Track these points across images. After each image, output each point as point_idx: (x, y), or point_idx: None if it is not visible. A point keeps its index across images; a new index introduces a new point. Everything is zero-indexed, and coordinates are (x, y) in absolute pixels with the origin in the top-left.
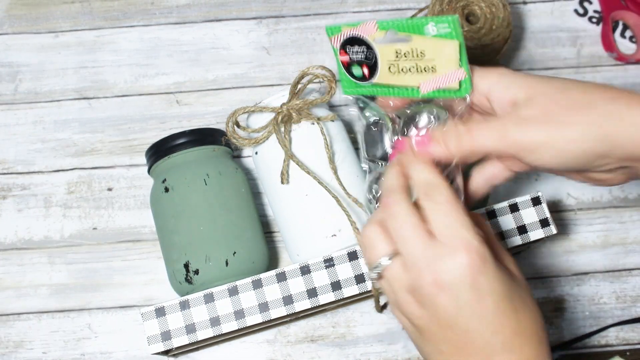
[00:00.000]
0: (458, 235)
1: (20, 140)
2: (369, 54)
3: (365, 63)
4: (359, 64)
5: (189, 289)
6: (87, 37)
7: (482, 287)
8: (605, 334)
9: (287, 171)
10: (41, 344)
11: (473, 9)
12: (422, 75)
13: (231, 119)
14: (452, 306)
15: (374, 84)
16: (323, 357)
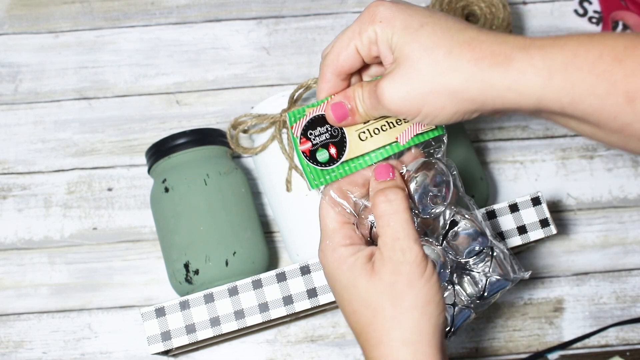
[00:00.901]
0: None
1: (21, 140)
2: (333, 131)
3: (331, 142)
4: (324, 146)
5: (189, 289)
6: (87, 37)
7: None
8: (605, 334)
9: (291, 179)
10: (41, 344)
11: (473, 9)
12: (397, 129)
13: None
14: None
15: (343, 162)
16: (323, 357)
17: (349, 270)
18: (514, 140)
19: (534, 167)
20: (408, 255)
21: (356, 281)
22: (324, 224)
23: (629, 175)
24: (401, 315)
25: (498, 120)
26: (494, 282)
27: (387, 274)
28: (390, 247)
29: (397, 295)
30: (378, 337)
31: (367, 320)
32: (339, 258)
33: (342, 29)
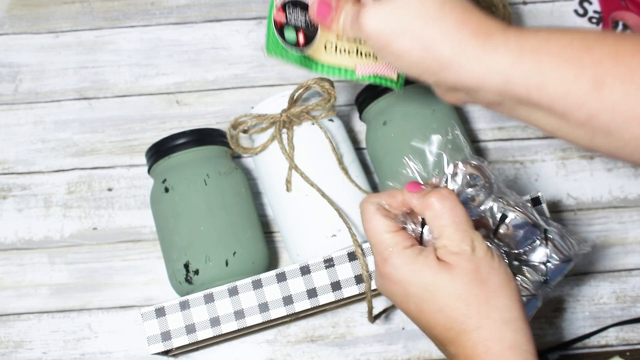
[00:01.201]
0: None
1: (21, 140)
2: (310, 24)
3: (303, 30)
4: (296, 29)
5: (189, 289)
6: (87, 37)
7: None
8: (605, 334)
9: (291, 179)
10: (41, 344)
11: None
12: (360, 59)
13: (231, 128)
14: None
15: (304, 55)
16: (323, 357)
17: (424, 268)
18: (514, 140)
19: (534, 167)
20: (477, 243)
21: (437, 277)
22: (380, 236)
23: (629, 175)
24: (495, 298)
25: (498, 120)
26: (555, 266)
27: (467, 263)
28: (460, 240)
29: (483, 280)
30: (476, 323)
31: (460, 312)
32: (409, 260)
33: None
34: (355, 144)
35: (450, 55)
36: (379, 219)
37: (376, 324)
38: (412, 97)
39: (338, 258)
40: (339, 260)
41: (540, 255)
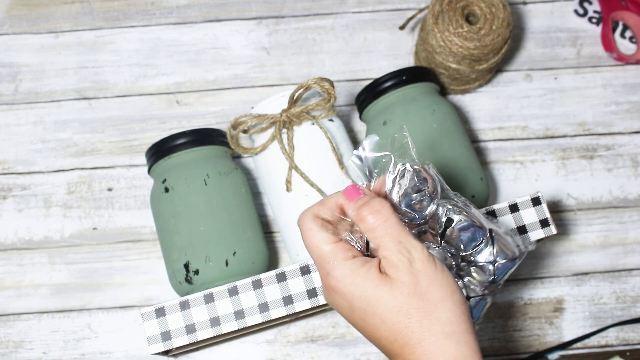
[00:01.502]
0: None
1: (21, 140)
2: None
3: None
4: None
5: (189, 289)
6: (87, 37)
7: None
8: (605, 334)
9: (291, 179)
10: (41, 344)
11: (473, 9)
12: None
13: (231, 128)
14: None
15: None
16: (323, 357)
17: (365, 282)
18: (514, 140)
19: (534, 167)
20: (415, 253)
21: (378, 291)
22: (319, 250)
23: (629, 175)
24: (435, 311)
25: (498, 120)
26: (502, 265)
27: (405, 275)
28: (397, 251)
29: (424, 293)
30: (418, 337)
31: (402, 325)
32: (350, 273)
33: (342, 29)
34: (355, 144)
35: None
36: (316, 232)
37: None
38: (412, 97)
39: None
40: None
41: (487, 255)
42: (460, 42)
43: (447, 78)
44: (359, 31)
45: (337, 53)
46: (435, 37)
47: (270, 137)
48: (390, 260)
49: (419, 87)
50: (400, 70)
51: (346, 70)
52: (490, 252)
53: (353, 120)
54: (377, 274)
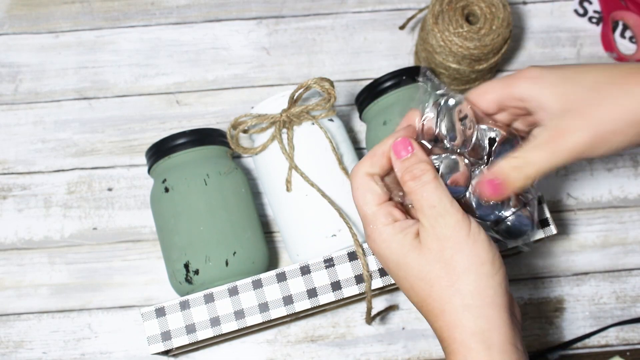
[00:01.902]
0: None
1: (21, 140)
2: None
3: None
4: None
5: (189, 289)
6: (87, 37)
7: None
8: (605, 334)
9: (291, 179)
10: (41, 344)
11: (473, 9)
12: None
13: (231, 128)
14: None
15: None
16: (323, 357)
17: (398, 247)
18: None
19: None
20: (447, 218)
21: (407, 257)
22: (363, 211)
23: (629, 175)
24: (458, 282)
25: None
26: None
27: (433, 242)
28: (429, 216)
29: (448, 262)
30: (439, 306)
31: (425, 293)
32: (386, 239)
33: (342, 29)
34: (355, 144)
35: None
36: (363, 192)
37: (375, 324)
38: (412, 97)
39: (338, 258)
40: (339, 260)
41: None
42: (460, 42)
43: (447, 78)
44: (359, 31)
45: (337, 53)
46: (435, 37)
47: (270, 137)
48: (424, 225)
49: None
50: (400, 70)
51: (346, 70)
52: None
53: (353, 120)
54: (411, 240)
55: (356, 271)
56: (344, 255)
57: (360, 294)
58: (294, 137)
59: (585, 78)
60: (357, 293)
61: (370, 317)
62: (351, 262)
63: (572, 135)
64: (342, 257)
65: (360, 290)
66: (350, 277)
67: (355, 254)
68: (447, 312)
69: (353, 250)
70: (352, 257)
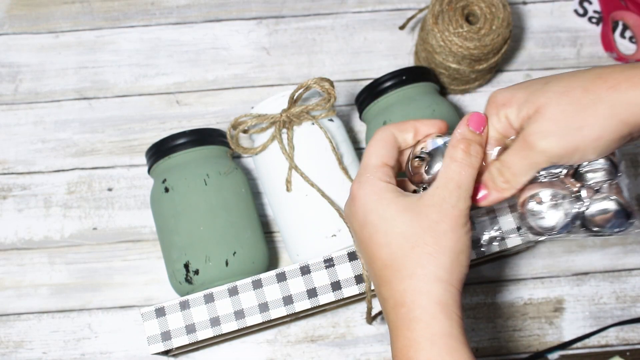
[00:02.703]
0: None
1: (21, 140)
2: None
3: None
4: None
5: (189, 289)
6: (87, 37)
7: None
8: (605, 334)
9: (291, 179)
10: (41, 344)
11: (473, 9)
12: None
13: (231, 128)
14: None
15: None
16: (323, 357)
17: (390, 203)
18: None
19: None
20: (461, 204)
21: (399, 214)
22: (368, 159)
23: (628, 175)
24: (439, 254)
25: None
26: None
27: (435, 213)
28: (449, 191)
29: (440, 235)
30: (412, 269)
31: (403, 253)
32: (379, 191)
33: (342, 29)
34: (355, 144)
35: (630, 115)
36: (380, 145)
37: (376, 324)
38: (412, 97)
39: (338, 258)
40: (339, 260)
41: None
42: (460, 42)
43: (447, 78)
44: (359, 31)
45: (337, 53)
46: (435, 37)
47: (270, 137)
48: (435, 194)
49: (419, 87)
50: (400, 70)
51: (346, 70)
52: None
53: (353, 120)
54: (405, 204)
55: (356, 271)
56: (344, 255)
57: (360, 294)
58: (294, 137)
59: (557, 85)
60: (357, 293)
61: (371, 317)
62: (351, 262)
63: (544, 139)
64: (342, 257)
65: (360, 290)
66: (350, 277)
67: (355, 254)
68: (418, 276)
69: (353, 250)
70: (352, 257)
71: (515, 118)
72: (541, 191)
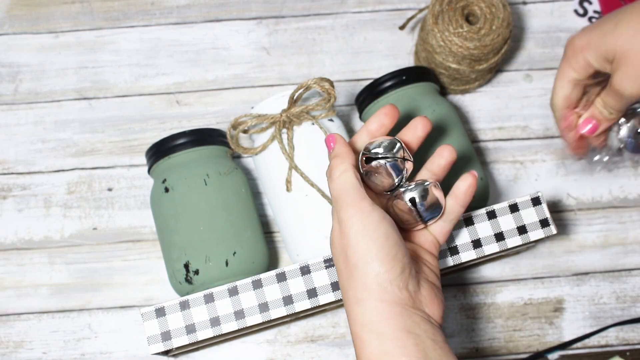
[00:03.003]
0: None
1: (21, 140)
2: None
3: None
4: None
5: (189, 289)
6: (87, 38)
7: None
8: (605, 334)
9: (291, 179)
10: (41, 344)
11: (473, 9)
12: None
13: (231, 128)
14: None
15: None
16: (323, 357)
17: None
18: (514, 140)
19: (534, 167)
20: (362, 215)
21: (333, 235)
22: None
23: (629, 175)
24: (353, 275)
25: (498, 120)
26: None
27: (336, 237)
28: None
29: (348, 256)
30: (344, 294)
31: (338, 275)
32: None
33: (342, 29)
34: None
35: None
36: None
37: None
38: (412, 97)
39: None
40: None
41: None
42: (460, 42)
43: (447, 78)
44: (359, 31)
45: (337, 53)
46: (435, 37)
47: (270, 137)
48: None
49: (419, 87)
50: (400, 70)
51: (346, 70)
52: None
53: (353, 120)
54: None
55: None
56: None
57: None
58: (294, 137)
59: (627, 27)
60: None
61: None
62: None
63: (629, 86)
64: None
65: None
66: None
67: None
68: (346, 302)
69: None
70: None
71: (595, 60)
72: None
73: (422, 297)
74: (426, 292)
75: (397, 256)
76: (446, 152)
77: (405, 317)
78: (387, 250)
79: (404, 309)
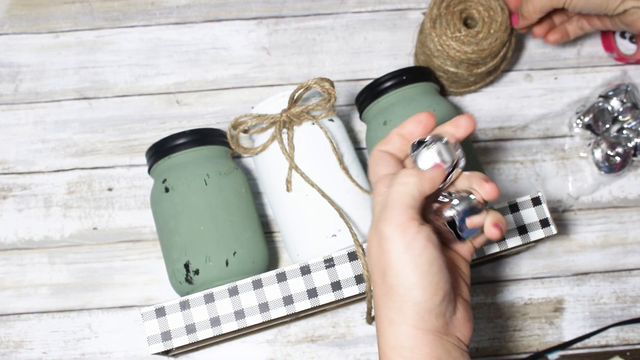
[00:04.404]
0: None
1: (21, 140)
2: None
3: None
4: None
5: (189, 289)
6: (87, 37)
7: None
8: (605, 334)
9: (291, 179)
10: (41, 344)
11: (471, 13)
12: None
13: (231, 128)
14: None
15: None
16: (323, 357)
17: (372, 238)
18: (514, 140)
19: (534, 167)
20: (388, 229)
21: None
22: (374, 177)
23: (629, 175)
24: (389, 294)
25: (498, 120)
26: None
27: (374, 251)
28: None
29: (384, 274)
30: (377, 312)
31: (374, 290)
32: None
33: (342, 29)
34: (355, 144)
35: None
36: (375, 161)
37: None
38: (412, 97)
39: (338, 258)
40: (339, 260)
41: None
42: (458, 46)
43: (446, 81)
44: (359, 31)
45: (337, 53)
46: (433, 41)
47: (270, 137)
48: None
49: (419, 87)
50: (401, 70)
51: (346, 70)
52: None
53: (353, 120)
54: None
55: (356, 271)
56: (344, 255)
57: (360, 294)
58: (294, 137)
59: None
60: (357, 293)
61: (370, 317)
62: (351, 262)
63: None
64: (342, 257)
65: (360, 290)
66: (350, 277)
67: (355, 254)
68: (378, 320)
69: (353, 250)
70: (352, 257)
71: None
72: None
73: (457, 320)
74: (460, 315)
75: (440, 284)
76: (464, 121)
77: (437, 346)
78: (430, 279)
79: (437, 337)
